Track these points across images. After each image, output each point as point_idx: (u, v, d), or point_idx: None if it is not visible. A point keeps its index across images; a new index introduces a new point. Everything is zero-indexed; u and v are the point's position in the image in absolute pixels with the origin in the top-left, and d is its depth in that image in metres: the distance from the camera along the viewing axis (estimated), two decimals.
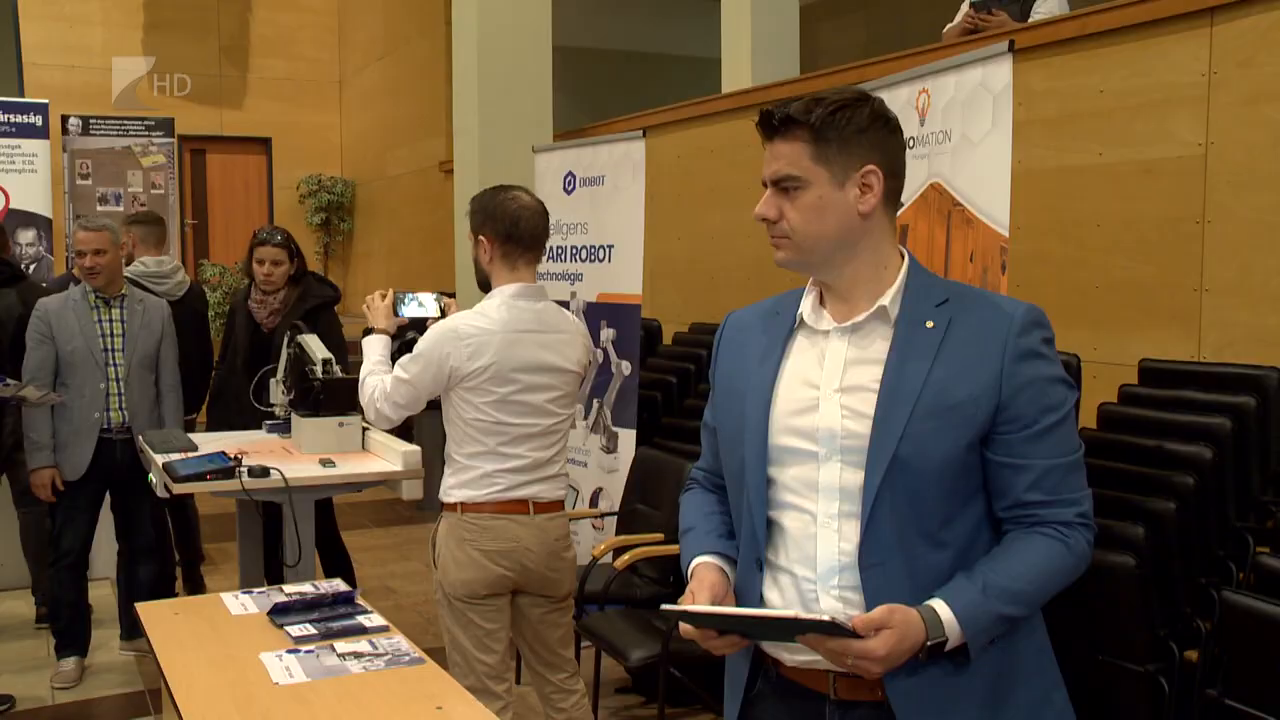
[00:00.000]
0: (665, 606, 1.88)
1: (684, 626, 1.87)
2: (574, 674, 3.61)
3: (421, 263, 9.98)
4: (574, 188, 5.81)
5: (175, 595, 5.61)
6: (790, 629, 1.84)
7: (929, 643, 1.77)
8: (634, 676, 4.79)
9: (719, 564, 2.01)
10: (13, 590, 5.97)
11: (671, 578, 4.50)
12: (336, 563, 5.37)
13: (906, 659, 1.77)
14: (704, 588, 1.95)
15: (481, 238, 3.40)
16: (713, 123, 6.89)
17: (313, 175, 11.79)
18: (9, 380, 4.44)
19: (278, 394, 5.05)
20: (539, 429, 3.35)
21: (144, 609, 3.39)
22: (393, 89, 11.26)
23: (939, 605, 1.79)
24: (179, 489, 4.10)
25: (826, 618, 1.73)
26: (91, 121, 9.43)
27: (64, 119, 9.14)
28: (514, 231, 3.36)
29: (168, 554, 5.64)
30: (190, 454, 4.37)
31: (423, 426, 6.96)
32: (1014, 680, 1.89)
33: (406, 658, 2.98)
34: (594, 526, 5.33)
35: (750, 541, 1.97)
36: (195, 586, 6.00)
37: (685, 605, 1.89)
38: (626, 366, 5.39)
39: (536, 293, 3.44)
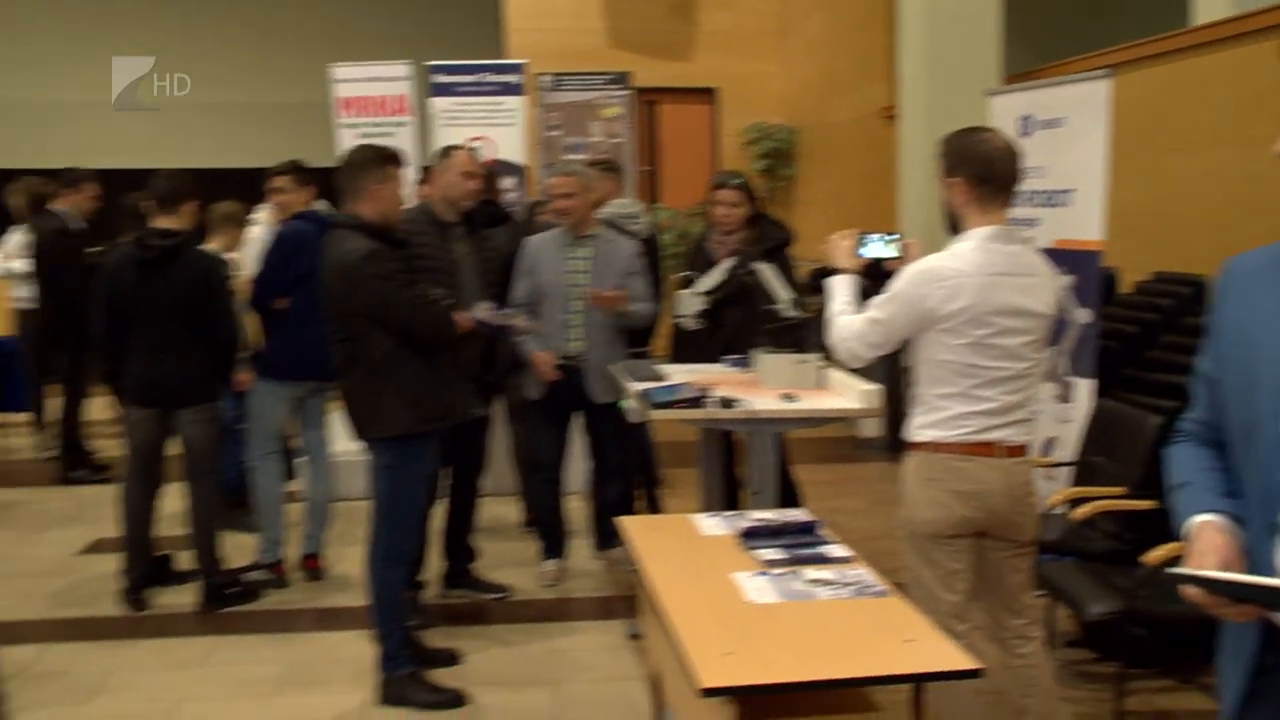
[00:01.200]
0: (1174, 570, 1.77)
1: (1189, 590, 1.74)
2: (1034, 621, 3.50)
3: (861, 208, 9.89)
4: (1031, 131, 5.57)
5: (634, 514, 5.90)
6: None
7: None
8: (1087, 630, 4.60)
9: (1224, 524, 1.86)
10: (505, 496, 6.48)
11: (1129, 534, 4.28)
12: (786, 493, 5.48)
13: None
14: (1211, 550, 1.81)
15: (954, 180, 3.31)
16: (1183, 58, 6.38)
17: (756, 123, 11.92)
18: (503, 309, 4.80)
19: (687, 304, 5.18)
20: (1011, 373, 3.25)
21: (625, 523, 3.59)
22: (833, 38, 11.18)
23: None
24: (654, 416, 4.31)
25: None
26: (561, 78, 9.99)
27: (538, 77, 9.73)
28: (988, 173, 3.25)
29: (631, 476, 5.95)
30: (660, 384, 4.57)
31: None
32: None
33: (873, 589, 3.00)
34: (1046, 476, 5.15)
35: (1262, 503, 1.80)
36: (653, 508, 6.29)
37: (1197, 570, 1.76)
38: (1084, 315, 5.14)
39: (1010, 235, 3.32)
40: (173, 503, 5.67)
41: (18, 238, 7.86)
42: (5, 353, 8.18)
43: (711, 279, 5.19)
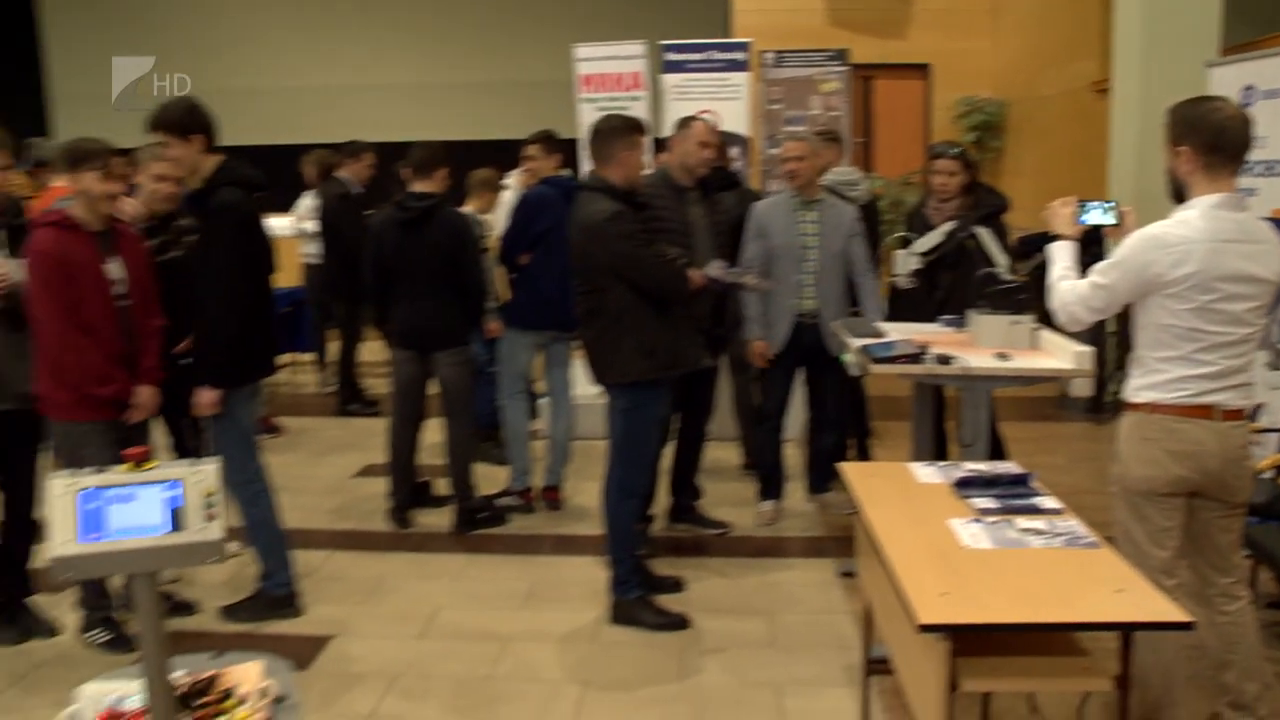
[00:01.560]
0: None
1: None
2: (1241, 580, 3.30)
3: (1069, 180, 9.43)
4: (1253, 101, 5.18)
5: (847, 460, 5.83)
6: None
7: None
8: None
9: None
10: (724, 441, 6.50)
11: None
12: (993, 448, 5.31)
13: None
14: None
15: (1181, 148, 3.10)
16: None
17: (967, 97, 11.53)
18: (733, 268, 4.78)
19: (904, 264, 5.04)
20: (1233, 338, 3.05)
21: (846, 469, 3.54)
22: (1044, 14, 10.69)
23: None
24: (875, 370, 4.23)
25: None
26: (783, 55, 9.86)
27: (761, 54, 9.61)
28: (1219, 142, 3.03)
29: (846, 426, 5.87)
30: (879, 340, 4.48)
31: None
32: None
33: (1084, 540, 2.88)
34: (1254, 441, 4.82)
35: None
36: (863, 456, 6.20)
37: None
38: None
39: (1237, 203, 3.10)
40: (432, 435, 5.90)
41: (307, 202, 8.29)
42: (296, 301, 8.61)
43: (929, 241, 5.05)
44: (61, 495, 2.27)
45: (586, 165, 7.37)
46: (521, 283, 5.74)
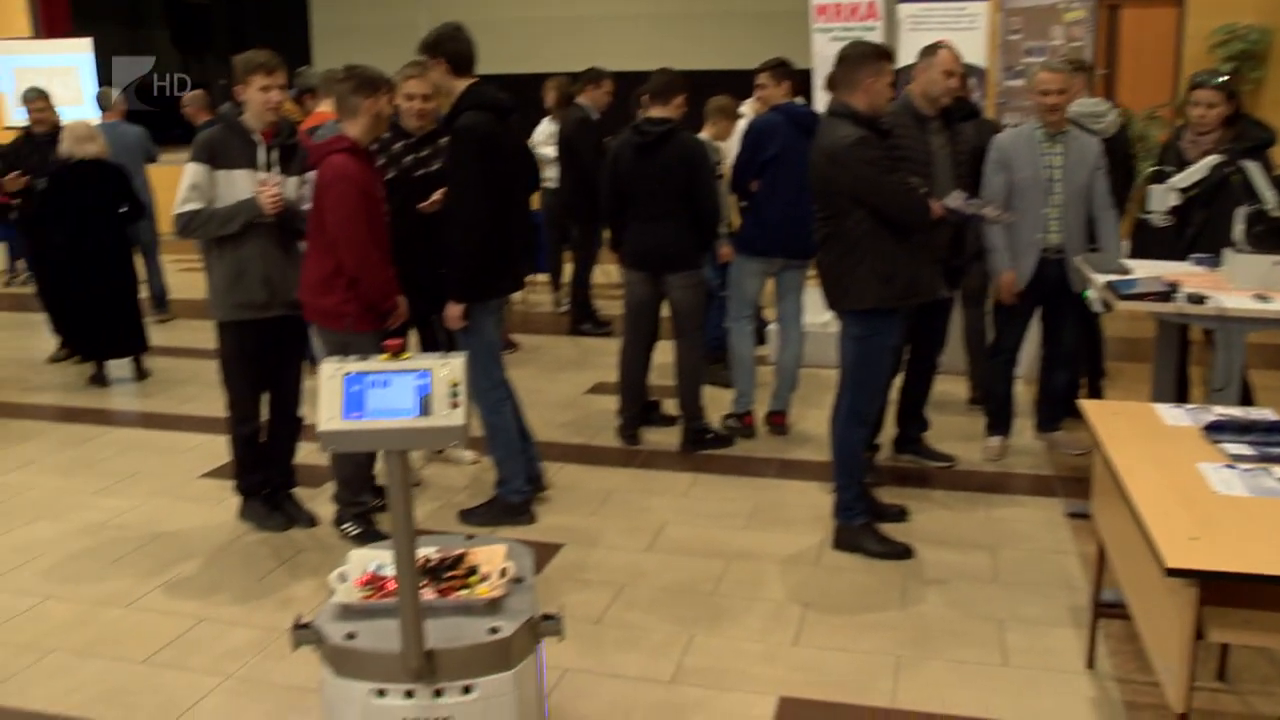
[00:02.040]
0: None
1: None
2: None
3: None
4: None
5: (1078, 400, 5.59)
6: None
7: None
8: None
9: None
10: (952, 375, 6.33)
11: None
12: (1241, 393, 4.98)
13: None
14: None
15: None
16: None
17: (1227, 25, 10.64)
18: (973, 199, 4.61)
19: (1161, 199, 4.72)
20: None
21: (1087, 406, 3.38)
22: None
23: None
24: (1120, 306, 4.01)
25: None
26: None
27: None
28: None
29: (1079, 365, 5.62)
30: (1126, 276, 4.25)
31: None
32: None
33: None
34: None
35: None
36: (1095, 397, 5.93)
37: None
38: None
39: None
40: (662, 356, 5.97)
41: (546, 127, 8.44)
42: (532, 224, 8.81)
43: (1192, 175, 4.71)
44: (330, 378, 2.49)
45: (819, 95, 7.24)
46: (751, 210, 5.73)
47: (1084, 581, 4.02)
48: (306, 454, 5.10)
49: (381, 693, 2.54)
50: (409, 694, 2.53)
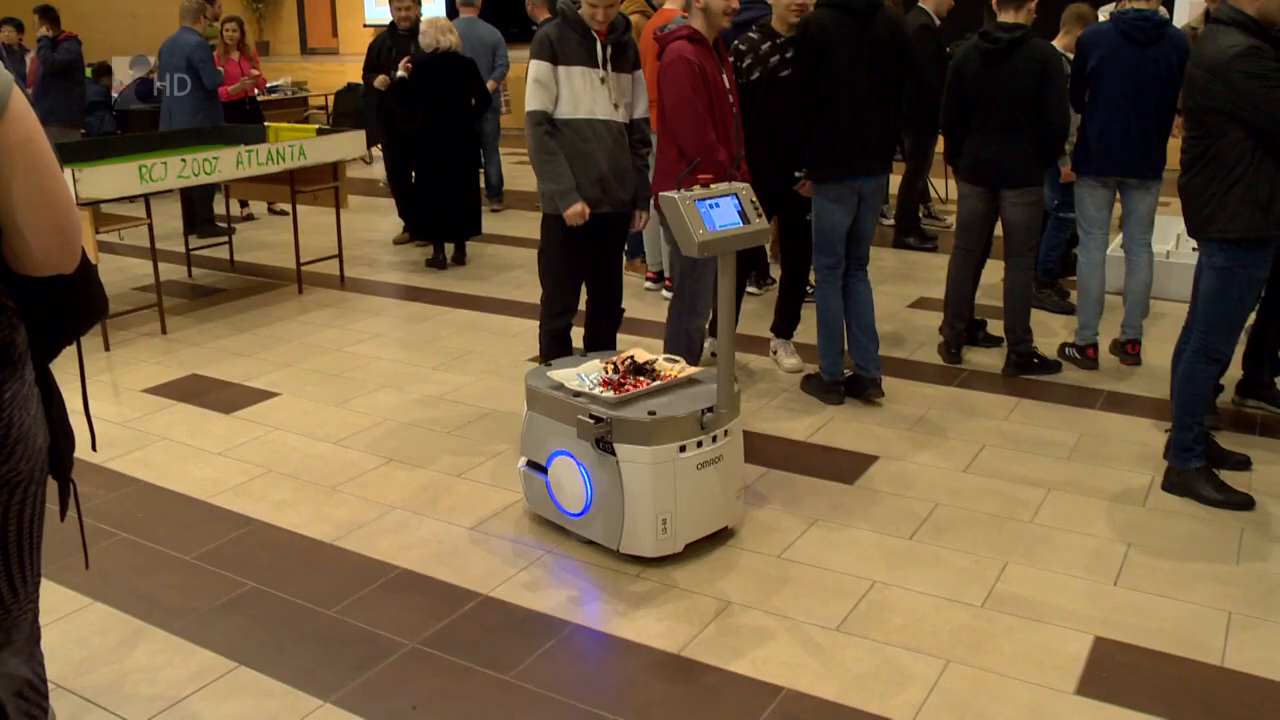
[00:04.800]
0: None
1: None
2: None
3: None
4: None
5: None
6: None
7: None
8: None
9: None
10: None
11: None
12: None
13: None
14: None
15: None
16: None
17: None
18: None
19: None
20: None
21: None
22: None
23: None
24: None
25: None
26: None
27: None
28: None
29: None
30: None
31: None
32: None
33: None
34: None
35: None
36: None
37: None
38: None
39: None
40: (990, 275, 5.76)
41: None
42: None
43: None
44: (684, 203, 3.49)
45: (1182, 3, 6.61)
46: (1086, 124, 5.39)
47: None
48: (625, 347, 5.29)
49: (683, 448, 3.54)
50: (699, 444, 3.58)
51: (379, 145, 9.01)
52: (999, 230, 5.40)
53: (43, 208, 1.80)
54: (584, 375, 3.82)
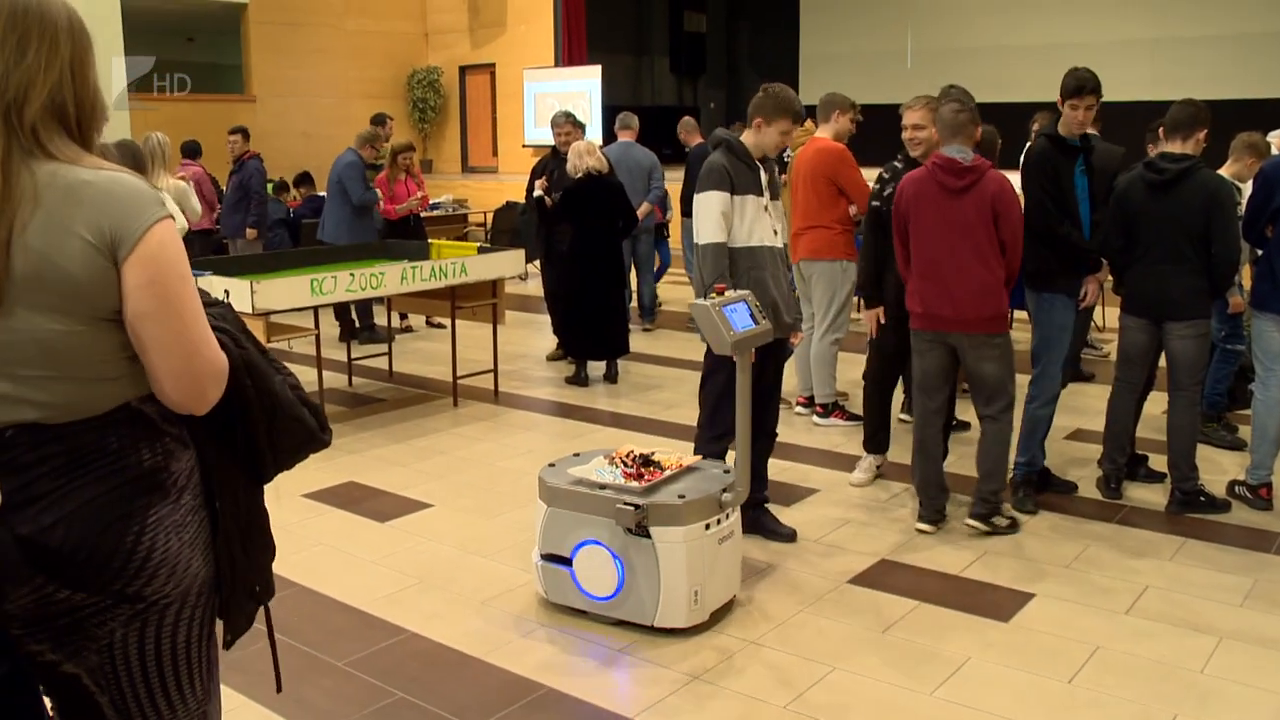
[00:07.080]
0: None
1: None
2: None
3: None
4: None
5: None
6: None
7: None
8: None
9: None
10: None
11: None
12: None
13: None
14: None
15: None
16: None
17: None
18: None
19: None
20: None
21: None
22: None
23: None
24: None
25: None
26: None
27: None
28: None
29: None
30: None
31: None
32: None
33: None
34: None
35: None
36: None
37: None
38: None
39: None
40: (1153, 408, 5.56)
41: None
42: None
43: None
44: (715, 309, 3.95)
45: None
46: (1264, 259, 5.19)
47: None
48: (777, 471, 5.26)
49: (708, 526, 3.97)
50: (719, 521, 4.03)
51: (536, 262, 9.28)
52: (1162, 362, 5.23)
53: (172, 351, 1.77)
54: (601, 470, 4.16)
